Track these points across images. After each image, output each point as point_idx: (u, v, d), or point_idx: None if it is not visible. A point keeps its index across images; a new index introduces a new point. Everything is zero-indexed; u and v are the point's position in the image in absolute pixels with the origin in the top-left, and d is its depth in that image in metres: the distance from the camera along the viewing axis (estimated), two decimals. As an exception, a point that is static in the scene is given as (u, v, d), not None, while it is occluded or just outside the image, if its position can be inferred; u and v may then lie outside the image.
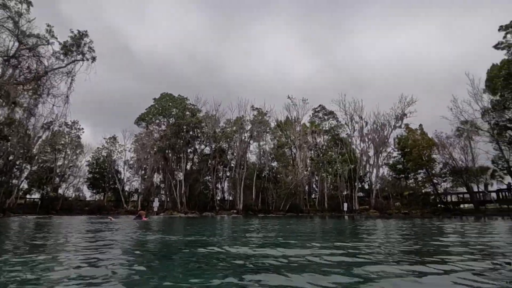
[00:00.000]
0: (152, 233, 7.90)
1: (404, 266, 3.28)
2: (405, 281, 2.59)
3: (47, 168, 39.17)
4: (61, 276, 2.58)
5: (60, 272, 2.70)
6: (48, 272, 2.81)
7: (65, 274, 2.65)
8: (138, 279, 2.50)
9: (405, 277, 2.70)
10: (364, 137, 39.96)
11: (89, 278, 2.53)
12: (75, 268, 2.94)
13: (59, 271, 2.81)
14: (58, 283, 2.38)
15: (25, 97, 23.33)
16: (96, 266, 3.07)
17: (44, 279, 2.50)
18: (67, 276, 2.59)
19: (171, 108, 39.88)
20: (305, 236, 7.01)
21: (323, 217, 26.52)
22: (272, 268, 3.13)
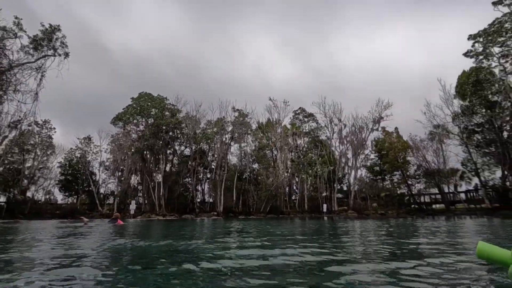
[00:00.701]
0: (128, 239, 7.52)
1: (379, 264, 3.35)
2: (380, 278, 2.66)
3: (14, 169, 36.80)
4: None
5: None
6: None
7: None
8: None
9: (380, 275, 2.73)
10: (343, 139, 40.91)
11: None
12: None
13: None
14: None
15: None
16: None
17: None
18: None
19: (150, 108, 38.78)
20: (285, 238, 6.94)
21: (303, 218, 26.74)
22: (253, 270, 3.03)
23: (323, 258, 3.92)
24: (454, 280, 2.56)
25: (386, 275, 2.77)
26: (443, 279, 2.55)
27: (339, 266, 3.38)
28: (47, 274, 2.98)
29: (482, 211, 28.98)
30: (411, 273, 2.83)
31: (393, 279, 2.61)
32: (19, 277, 2.89)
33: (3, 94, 24.18)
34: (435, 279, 2.56)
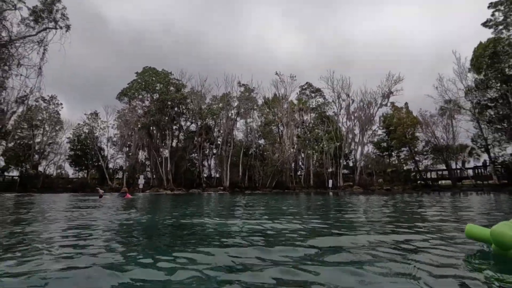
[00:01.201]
0: (138, 211, 7.66)
1: (383, 235, 3.35)
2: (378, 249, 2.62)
3: (25, 144, 37.54)
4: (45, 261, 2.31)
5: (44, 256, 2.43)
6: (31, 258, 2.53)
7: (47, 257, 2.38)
8: (123, 262, 2.28)
9: (378, 246, 2.68)
10: (350, 115, 40.20)
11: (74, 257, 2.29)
12: (57, 253, 2.65)
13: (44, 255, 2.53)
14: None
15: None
16: (80, 248, 2.82)
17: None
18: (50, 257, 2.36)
19: (155, 83, 38.33)
20: (290, 211, 6.96)
21: (308, 194, 27.04)
22: (260, 242, 3.01)
23: (325, 230, 3.90)
24: (448, 252, 2.49)
25: (384, 247, 2.73)
26: (436, 252, 2.51)
27: (339, 236, 3.50)
28: (61, 246, 3.00)
29: (489, 187, 28.82)
30: (412, 246, 2.79)
31: (391, 250, 2.60)
32: (39, 248, 2.92)
33: (8, 69, 23.98)
34: (429, 251, 2.54)
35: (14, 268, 2.10)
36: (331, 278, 1.83)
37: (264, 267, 2.07)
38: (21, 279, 1.79)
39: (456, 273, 1.92)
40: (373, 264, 2.15)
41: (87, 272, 1.99)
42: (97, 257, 2.41)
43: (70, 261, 2.30)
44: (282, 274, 1.92)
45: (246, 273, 1.96)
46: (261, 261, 2.25)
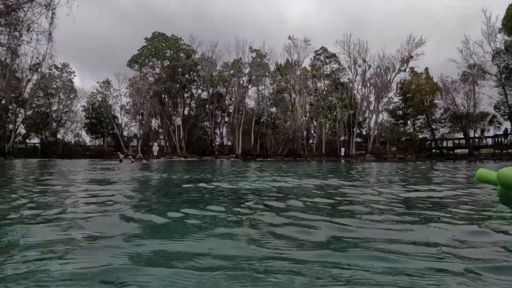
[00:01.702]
0: (155, 173, 7.86)
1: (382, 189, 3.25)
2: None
3: (42, 113, 38.52)
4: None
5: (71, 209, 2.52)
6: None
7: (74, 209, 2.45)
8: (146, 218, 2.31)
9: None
10: (366, 82, 38.77)
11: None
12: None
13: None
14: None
15: (2, 33, 21.47)
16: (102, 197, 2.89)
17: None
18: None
19: (165, 49, 37.54)
20: (300, 174, 6.98)
21: (319, 161, 27.11)
22: (271, 197, 3.01)
23: (332, 186, 3.87)
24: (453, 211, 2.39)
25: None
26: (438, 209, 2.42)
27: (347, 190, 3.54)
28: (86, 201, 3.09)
29: (509, 156, 27.98)
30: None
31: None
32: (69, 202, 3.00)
33: (19, 35, 23.82)
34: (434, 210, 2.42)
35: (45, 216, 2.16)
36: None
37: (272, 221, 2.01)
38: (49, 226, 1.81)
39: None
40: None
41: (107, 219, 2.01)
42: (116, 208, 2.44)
43: (95, 208, 2.35)
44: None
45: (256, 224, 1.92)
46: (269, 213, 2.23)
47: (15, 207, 2.35)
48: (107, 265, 1.06)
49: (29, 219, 1.92)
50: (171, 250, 1.28)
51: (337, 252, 1.27)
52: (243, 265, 1.09)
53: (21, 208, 2.30)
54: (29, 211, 2.16)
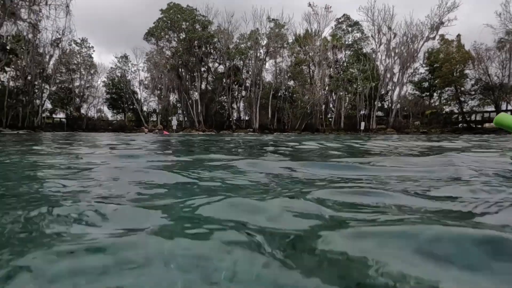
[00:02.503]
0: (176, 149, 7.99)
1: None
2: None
3: (66, 88, 39.69)
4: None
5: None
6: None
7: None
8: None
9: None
10: (390, 52, 36.64)
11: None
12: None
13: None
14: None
15: (23, 7, 21.79)
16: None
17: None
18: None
19: (181, 21, 36.78)
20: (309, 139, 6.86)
21: (337, 135, 26.64)
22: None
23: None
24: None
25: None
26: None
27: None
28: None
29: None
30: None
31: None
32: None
33: (38, 9, 24.11)
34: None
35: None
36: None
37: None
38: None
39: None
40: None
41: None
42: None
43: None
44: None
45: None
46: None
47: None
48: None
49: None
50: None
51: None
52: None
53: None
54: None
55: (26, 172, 2.01)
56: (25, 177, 1.77)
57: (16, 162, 2.74)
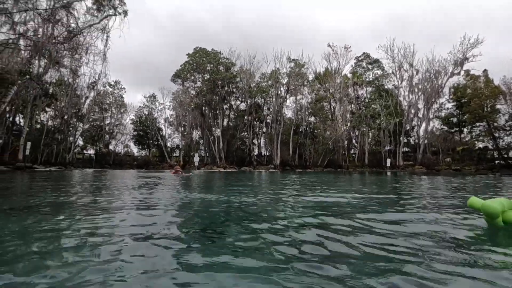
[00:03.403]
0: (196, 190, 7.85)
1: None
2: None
3: (97, 126, 42.23)
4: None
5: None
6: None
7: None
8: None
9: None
10: (413, 88, 36.16)
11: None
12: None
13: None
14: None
15: (66, 56, 24.12)
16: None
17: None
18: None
19: (205, 64, 39.07)
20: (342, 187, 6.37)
21: (362, 173, 25.56)
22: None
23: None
24: None
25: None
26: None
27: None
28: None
29: None
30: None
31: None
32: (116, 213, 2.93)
33: (79, 57, 26.61)
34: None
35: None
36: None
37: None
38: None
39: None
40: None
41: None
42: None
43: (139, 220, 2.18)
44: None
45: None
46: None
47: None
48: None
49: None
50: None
51: None
52: None
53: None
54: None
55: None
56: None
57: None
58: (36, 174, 14.82)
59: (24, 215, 3.14)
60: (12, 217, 3.00)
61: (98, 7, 22.88)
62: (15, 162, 21.92)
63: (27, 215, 3.11)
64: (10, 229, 2.45)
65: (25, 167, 21.53)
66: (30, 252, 1.83)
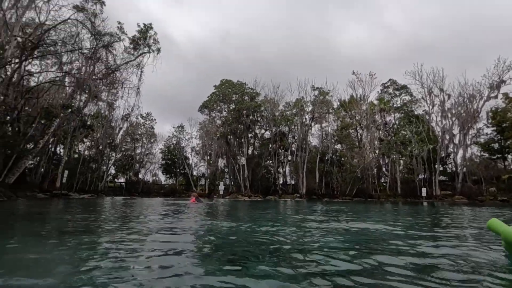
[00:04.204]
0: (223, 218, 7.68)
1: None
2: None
3: (128, 155, 44.24)
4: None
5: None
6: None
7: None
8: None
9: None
10: (446, 113, 34.51)
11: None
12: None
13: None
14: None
15: (104, 90, 26.15)
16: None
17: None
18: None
19: (231, 94, 40.48)
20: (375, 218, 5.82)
21: (395, 203, 23.91)
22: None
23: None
24: None
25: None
26: None
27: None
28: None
29: None
30: None
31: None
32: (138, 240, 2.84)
33: (116, 92, 28.77)
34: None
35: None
36: None
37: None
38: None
39: None
40: None
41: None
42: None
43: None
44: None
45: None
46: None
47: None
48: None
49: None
50: None
51: None
52: None
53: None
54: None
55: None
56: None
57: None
58: (71, 201, 15.48)
59: (68, 238, 3.22)
60: (60, 240, 3.07)
61: (134, 46, 25.14)
62: (52, 190, 23.20)
63: (71, 238, 3.18)
64: (60, 252, 2.59)
65: (61, 194, 22.67)
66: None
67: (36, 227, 4.24)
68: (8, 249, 2.63)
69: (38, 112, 17.71)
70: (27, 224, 4.71)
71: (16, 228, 4.50)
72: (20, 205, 10.52)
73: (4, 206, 9.58)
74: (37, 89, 18.71)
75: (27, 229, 4.12)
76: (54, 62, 21.82)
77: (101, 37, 20.87)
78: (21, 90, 16.69)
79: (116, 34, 22.60)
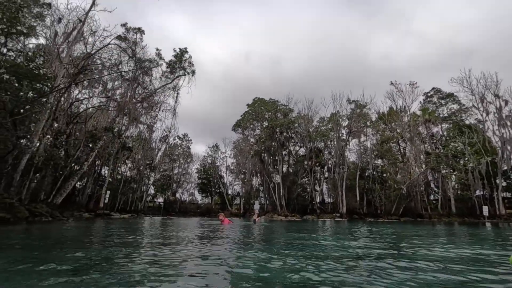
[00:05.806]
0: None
1: None
2: None
3: (166, 176, 45.60)
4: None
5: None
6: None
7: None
8: None
9: None
10: (504, 121, 30.84)
11: None
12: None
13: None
14: None
15: (143, 114, 27.49)
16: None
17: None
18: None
19: (264, 112, 40.43)
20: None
21: (450, 224, 21.14)
22: None
23: None
24: None
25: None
26: None
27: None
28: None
29: None
30: None
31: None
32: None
33: (155, 114, 30.11)
34: None
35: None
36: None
37: None
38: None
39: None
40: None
41: None
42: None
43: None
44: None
45: None
46: None
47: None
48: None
49: None
50: None
51: None
52: None
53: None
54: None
55: None
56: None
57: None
58: (112, 221, 15.82)
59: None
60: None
61: (171, 69, 26.41)
62: (96, 209, 24.28)
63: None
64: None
65: (103, 214, 23.60)
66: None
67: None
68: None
69: (85, 136, 18.92)
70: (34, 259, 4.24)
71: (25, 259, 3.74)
72: (62, 226, 10.78)
73: (43, 228, 9.79)
74: (85, 114, 20.17)
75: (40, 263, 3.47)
76: (100, 91, 23.62)
77: (142, 63, 22.20)
78: (70, 115, 18.02)
79: (155, 59, 23.97)
